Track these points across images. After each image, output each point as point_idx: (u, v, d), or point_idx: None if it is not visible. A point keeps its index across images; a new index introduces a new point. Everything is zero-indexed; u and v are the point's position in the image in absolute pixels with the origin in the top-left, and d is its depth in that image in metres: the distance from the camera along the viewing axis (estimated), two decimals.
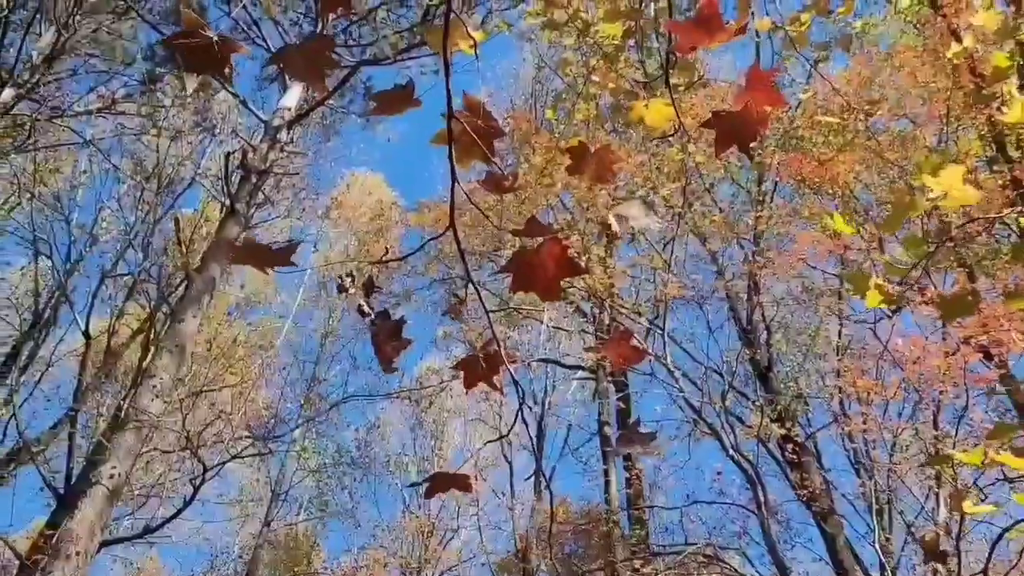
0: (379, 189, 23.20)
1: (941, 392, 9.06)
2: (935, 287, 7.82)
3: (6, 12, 11.27)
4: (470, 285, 1.84)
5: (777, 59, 7.48)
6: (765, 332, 12.71)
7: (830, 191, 11.65)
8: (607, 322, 12.81)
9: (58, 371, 12.79)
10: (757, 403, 11.74)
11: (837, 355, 11.79)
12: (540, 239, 1.64)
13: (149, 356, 10.25)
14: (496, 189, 1.63)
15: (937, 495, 9.05)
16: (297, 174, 14.83)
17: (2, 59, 11.51)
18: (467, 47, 2.56)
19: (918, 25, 10.75)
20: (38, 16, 12.16)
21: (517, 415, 1.62)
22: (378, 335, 1.66)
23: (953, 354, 8.56)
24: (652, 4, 4.86)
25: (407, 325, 1.76)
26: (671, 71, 1.87)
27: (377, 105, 1.53)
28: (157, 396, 8.59)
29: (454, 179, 1.45)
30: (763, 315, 12.87)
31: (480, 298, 1.61)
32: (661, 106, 1.79)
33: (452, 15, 1.68)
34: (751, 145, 1.59)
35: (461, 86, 1.82)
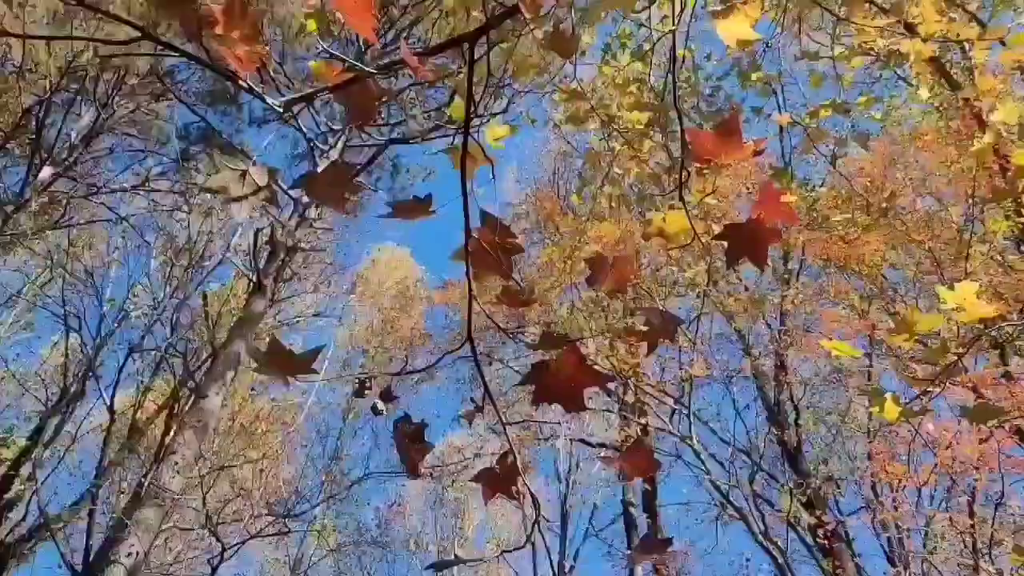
0: (405, 264, 23.39)
1: (976, 479, 8.80)
2: (966, 370, 7.67)
3: (49, 94, 11.69)
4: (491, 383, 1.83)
5: (797, 147, 7.53)
6: (793, 412, 12.50)
7: (856, 270, 11.58)
8: (632, 401, 12.66)
9: (82, 446, 12.82)
10: (786, 486, 11.47)
11: (868, 437, 11.53)
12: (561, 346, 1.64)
13: (172, 432, 10.27)
14: (514, 304, 1.64)
15: None
16: (324, 250, 15.05)
17: (43, 139, 11.90)
18: (492, 150, 2.61)
19: (940, 108, 10.81)
20: (79, 97, 12.62)
21: (533, 526, 1.59)
22: (401, 439, 1.65)
23: (987, 439, 8.34)
24: (675, 90, 4.93)
25: (428, 428, 1.75)
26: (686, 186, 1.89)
27: (394, 212, 1.55)
28: (178, 472, 8.58)
29: (471, 296, 1.46)
30: (791, 394, 12.68)
31: (498, 412, 1.60)
32: (679, 218, 1.80)
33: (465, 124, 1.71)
34: (762, 259, 1.59)
35: (485, 169, 1.84)
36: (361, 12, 1.21)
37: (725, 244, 1.58)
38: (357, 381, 1.73)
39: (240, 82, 1.26)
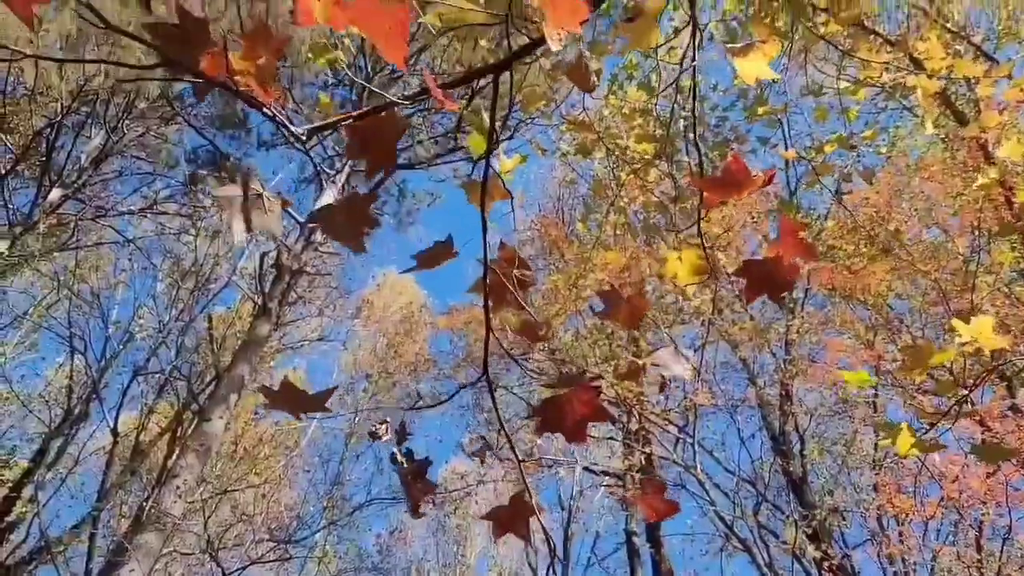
0: (410, 289, 23.42)
1: (983, 513, 8.73)
2: (972, 404, 7.62)
3: (60, 117, 11.78)
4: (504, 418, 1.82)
5: (803, 178, 7.56)
6: (799, 442, 12.42)
7: (862, 299, 11.57)
8: (636, 429, 12.60)
9: (84, 468, 12.78)
10: (791, 517, 11.37)
11: (874, 468, 11.45)
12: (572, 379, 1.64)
13: (175, 455, 10.24)
14: (530, 337, 1.64)
15: None
16: (330, 274, 15.07)
17: (53, 161, 11.98)
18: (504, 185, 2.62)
19: (946, 139, 10.84)
20: (90, 120, 12.72)
21: (548, 569, 1.58)
22: (405, 478, 1.65)
23: (994, 473, 8.28)
24: (681, 120, 4.98)
25: (431, 466, 1.74)
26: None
27: (418, 264, 1.56)
28: (180, 496, 8.54)
29: (489, 330, 1.46)
30: (796, 424, 12.61)
31: (513, 449, 1.60)
32: (693, 257, 1.81)
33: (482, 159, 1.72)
34: (782, 295, 1.59)
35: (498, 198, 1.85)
36: (395, 39, 1.20)
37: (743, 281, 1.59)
38: (373, 426, 1.73)
39: (265, 110, 1.27)
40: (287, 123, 1.36)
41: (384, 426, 1.65)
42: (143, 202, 13.96)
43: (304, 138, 1.42)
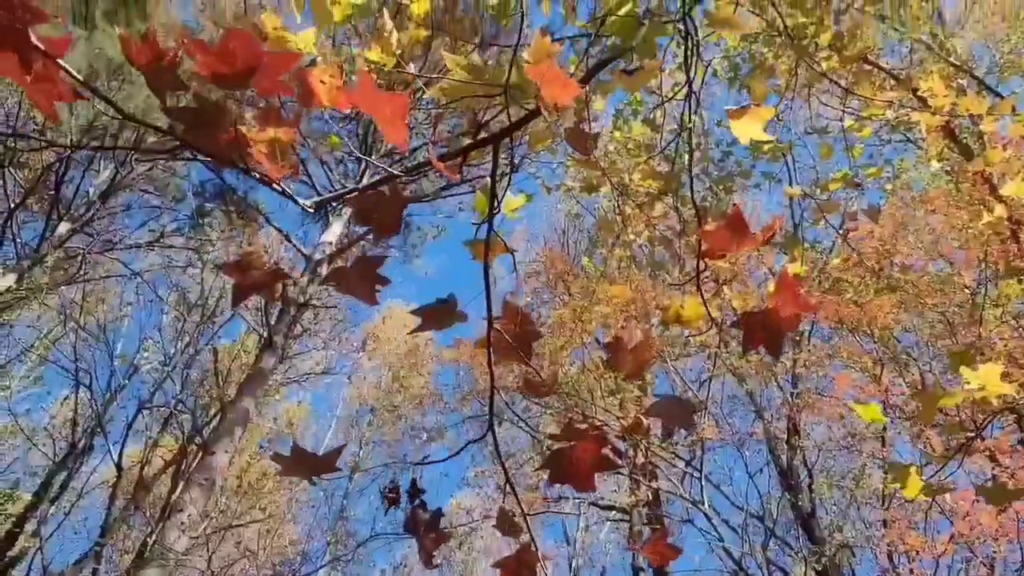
0: (415, 322, 23.29)
1: (995, 550, 8.62)
2: (983, 439, 7.57)
3: (69, 152, 11.88)
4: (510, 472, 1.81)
5: (807, 212, 7.57)
6: (807, 476, 12.32)
7: (868, 332, 11.51)
8: (642, 464, 12.52)
9: (88, 502, 12.72)
10: (800, 553, 11.24)
11: (883, 504, 11.33)
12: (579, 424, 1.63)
13: (178, 489, 10.18)
14: (535, 393, 1.64)
15: None
16: (335, 307, 15.08)
17: (61, 195, 12.06)
18: (512, 212, 2.63)
19: (951, 172, 10.86)
20: (98, 154, 12.82)
21: None
22: (416, 528, 1.63)
23: (1005, 509, 8.18)
24: (685, 155, 5.00)
25: (444, 516, 1.73)
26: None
27: (423, 323, 1.57)
28: (184, 531, 8.48)
29: (493, 386, 1.46)
30: (804, 459, 12.51)
31: (520, 505, 1.59)
32: (696, 304, 1.82)
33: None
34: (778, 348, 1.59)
35: (496, 227, 1.85)
36: (396, 122, 1.25)
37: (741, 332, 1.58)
38: (383, 490, 1.72)
39: (274, 186, 1.29)
40: (295, 198, 1.37)
41: (396, 491, 1.64)
42: (150, 235, 14.03)
43: (311, 210, 1.43)
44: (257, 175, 1.24)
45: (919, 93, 4.54)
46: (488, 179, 1.54)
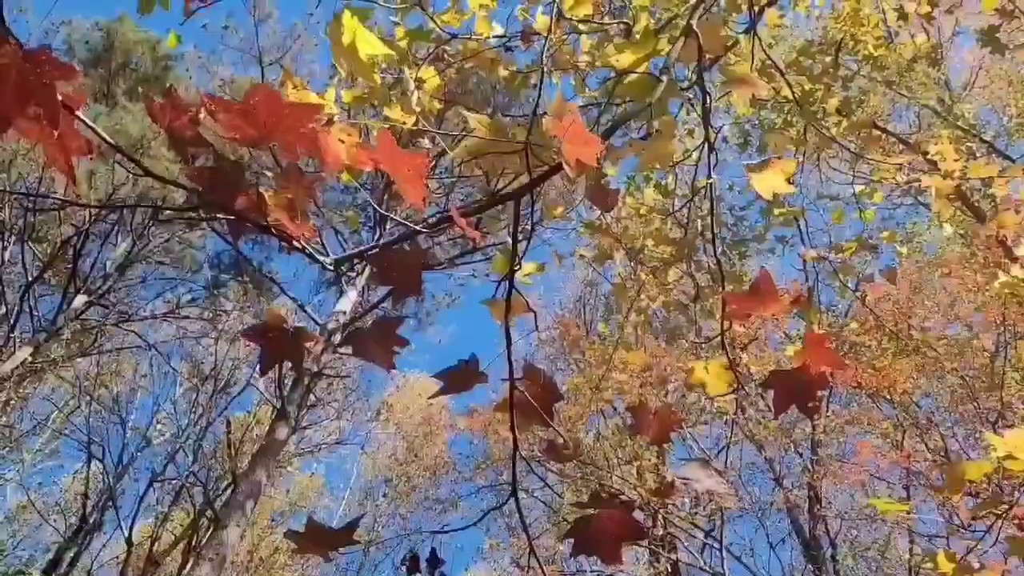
0: (429, 391, 23.11)
1: None
2: (1011, 506, 7.35)
3: (87, 225, 12.05)
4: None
5: (821, 273, 7.56)
6: (830, 546, 12.00)
7: (888, 397, 11.34)
8: (661, 534, 12.24)
9: None
10: None
11: (910, 574, 11.00)
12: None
13: (189, 565, 10.02)
14: (558, 458, 1.61)
15: None
16: (348, 376, 15.02)
17: (78, 268, 12.19)
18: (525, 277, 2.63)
19: (964, 235, 10.84)
20: (116, 227, 13.01)
21: None
22: None
23: None
24: (699, 221, 5.02)
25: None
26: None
27: (446, 388, 1.56)
28: None
29: (516, 448, 1.43)
30: (827, 528, 12.21)
31: (542, 570, 1.54)
32: (719, 368, 1.80)
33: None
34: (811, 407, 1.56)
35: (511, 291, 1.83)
36: (415, 181, 1.26)
37: (772, 392, 1.56)
38: (406, 559, 1.69)
39: (294, 244, 1.29)
40: (315, 255, 1.38)
41: (416, 561, 1.60)
42: (166, 306, 14.12)
43: (331, 267, 1.44)
44: (276, 233, 1.24)
45: (929, 156, 4.57)
46: (508, 240, 1.55)
